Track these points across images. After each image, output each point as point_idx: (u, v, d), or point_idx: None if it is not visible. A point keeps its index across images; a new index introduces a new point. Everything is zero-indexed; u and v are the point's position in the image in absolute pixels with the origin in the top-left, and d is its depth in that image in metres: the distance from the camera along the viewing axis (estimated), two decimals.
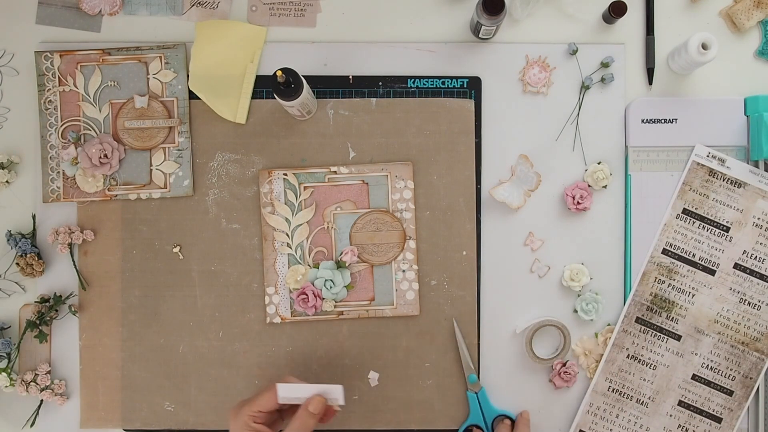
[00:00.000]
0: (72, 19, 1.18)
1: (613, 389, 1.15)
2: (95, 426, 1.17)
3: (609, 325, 1.16)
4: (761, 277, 1.14)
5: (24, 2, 1.18)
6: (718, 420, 1.14)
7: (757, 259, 1.14)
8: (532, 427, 1.16)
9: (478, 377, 1.16)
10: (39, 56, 1.16)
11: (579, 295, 1.16)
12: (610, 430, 1.15)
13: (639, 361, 1.15)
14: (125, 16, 1.18)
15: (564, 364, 1.15)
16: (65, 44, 1.17)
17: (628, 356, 1.15)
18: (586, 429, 1.15)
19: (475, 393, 1.15)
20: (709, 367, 1.14)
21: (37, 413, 1.17)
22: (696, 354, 1.14)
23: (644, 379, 1.15)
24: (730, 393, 1.14)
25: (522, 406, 1.16)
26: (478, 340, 1.16)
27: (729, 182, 1.14)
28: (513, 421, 1.14)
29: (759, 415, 1.15)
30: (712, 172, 1.15)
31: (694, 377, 1.15)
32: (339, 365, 1.16)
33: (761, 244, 1.14)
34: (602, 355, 1.15)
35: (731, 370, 1.14)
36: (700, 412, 1.14)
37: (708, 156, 1.15)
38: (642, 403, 1.15)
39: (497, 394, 1.16)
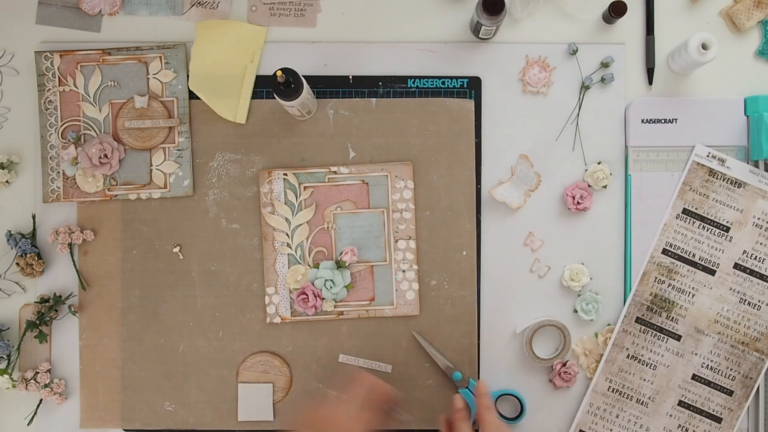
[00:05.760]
0: (72, 19, 1.18)
1: (613, 389, 1.15)
2: (95, 426, 1.17)
3: (609, 325, 1.16)
4: (761, 277, 1.14)
5: (24, 2, 1.18)
6: (718, 420, 1.14)
7: (757, 259, 1.14)
8: (532, 426, 1.16)
9: (478, 374, 1.16)
10: (39, 56, 1.16)
11: (579, 295, 1.16)
12: (610, 430, 1.15)
13: (639, 361, 1.15)
14: (125, 16, 1.18)
15: (564, 364, 1.15)
16: (65, 44, 1.17)
17: (628, 356, 1.15)
18: (586, 429, 1.15)
19: (467, 388, 1.15)
20: (709, 367, 1.14)
21: (36, 412, 1.17)
22: (696, 354, 1.14)
23: (644, 379, 1.15)
24: (730, 393, 1.14)
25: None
26: (478, 340, 1.16)
27: (729, 182, 1.14)
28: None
29: (759, 415, 1.15)
30: (712, 172, 1.15)
31: (694, 377, 1.15)
32: (339, 365, 1.16)
33: (761, 244, 1.14)
34: (602, 355, 1.15)
35: (731, 370, 1.14)
36: (700, 412, 1.14)
37: (708, 156, 1.15)
38: (642, 403, 1.15)
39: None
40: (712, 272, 1.14)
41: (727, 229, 1.14)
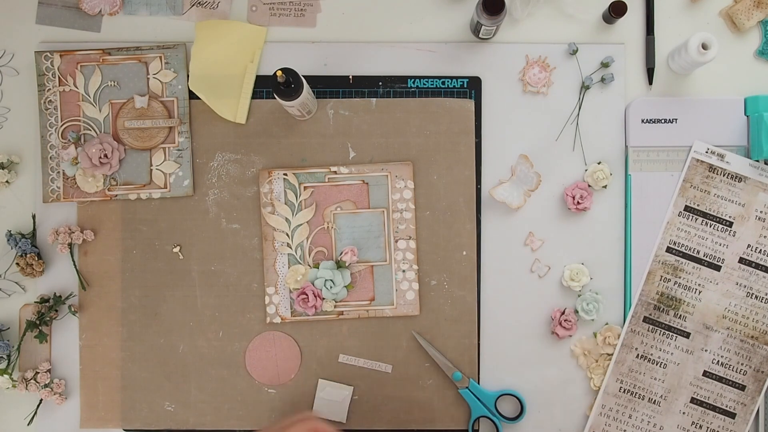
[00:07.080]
0: (72, 19, 1.18)
1: (625, 390, 1.14)
2: (95, 426, 1.16)
3: (607, 324, 1.15)
4: (767, 270, 1.13)
5: (24, 2, 1.18)
6: (732, 415, 1.14)
7: (762, 252, 1.13)
8: (532, 426, 1.15)
9: (478, 378, 1.15)
10: (39, 56, 1.17)
11: (579, 295, 1.15)
12: (624, 430, 1.14)
13: (649, 361, 1.14)
14: (125, 16, 1.18)
15: (563, 312, 1.14)
16: (65, 44, 1.18)
17: (637, 356, 1.14)
18: (600, 431, 1.14)
19: (467, 388, 1.14)
20: (720, 362, 1.14)
21: (36, 412, 1.16)
22: (706, 350, 1.14)
23: (655, 378, 1.14)
24: (742, 388, 1.13)
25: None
26: (479, 340, 1.16)
27: (729, 177, 1.14)
28: None
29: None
30: (712, 168, 1.14)
31: (705, 374, 1.14)
32: (339, 365, 1.16)
33: (765, 237, 1.13)
34: (602, 354, 1.14)
35: (742, 364, 1.13)
36: (714, 408, 1.14)
37: (707, 152, 1.15)
38: (654, 402, 1.14)
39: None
40: (718, 268, 1.14)
41: (730, 224, 1.14)
